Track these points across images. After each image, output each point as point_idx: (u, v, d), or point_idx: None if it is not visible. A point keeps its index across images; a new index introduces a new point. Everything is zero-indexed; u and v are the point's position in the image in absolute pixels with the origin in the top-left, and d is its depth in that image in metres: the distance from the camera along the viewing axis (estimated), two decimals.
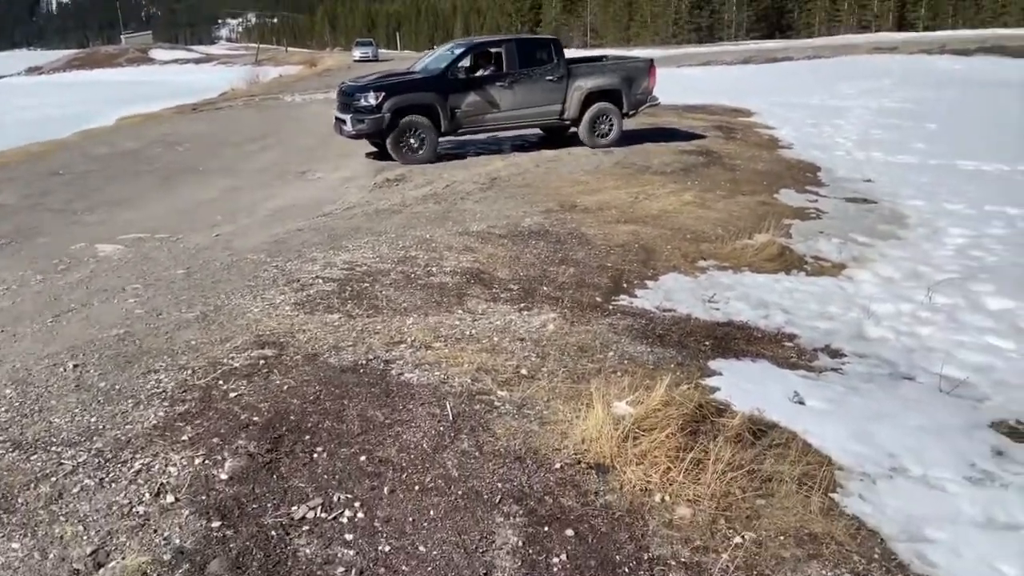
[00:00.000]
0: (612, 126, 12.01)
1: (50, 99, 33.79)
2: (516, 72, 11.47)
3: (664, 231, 7.36)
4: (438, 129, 11.14)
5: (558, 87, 11.68)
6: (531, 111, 11.72)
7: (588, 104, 11.78)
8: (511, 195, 8.77)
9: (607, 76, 11.98)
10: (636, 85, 12.06)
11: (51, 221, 7.52)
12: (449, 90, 11.11)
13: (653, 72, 12.26)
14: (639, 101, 12.21)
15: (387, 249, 6.29)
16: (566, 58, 11.98)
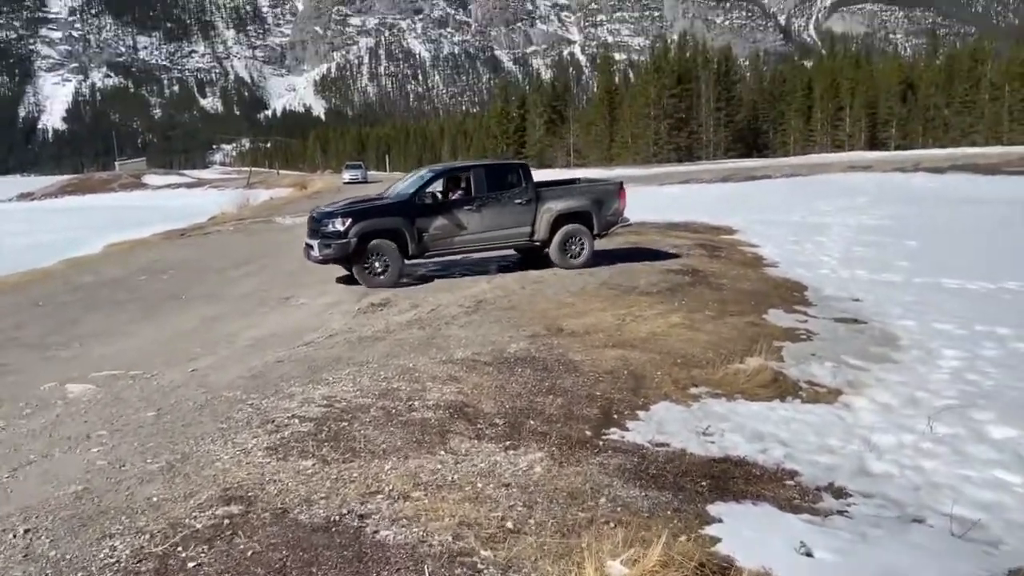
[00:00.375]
0: (583, 247, 12.07)
1: (39, 225, 34.15)
2: (484, 196, 11.68)
3: (653, 356, 7.21)
4: (405, 253, 11.28)
5: (527, 209, 11.82)
6: (500, 233, 11.84)
7: (558, 226, 11.91)
8: (497, 319, 8.66)
9: (576, 198, 12.14)
10: (606, 207, 12.21)
11: (23, 358, 7.28)
12: (416, 214, 11.34)
13: (623, 194, 12.46)
14: (609, 222, 12.34)
15: (368, 381, 6.09)
16: (535, 182, 12.14)
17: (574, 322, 8.45)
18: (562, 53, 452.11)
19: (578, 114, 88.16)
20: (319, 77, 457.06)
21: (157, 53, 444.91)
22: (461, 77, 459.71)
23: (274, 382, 6.00)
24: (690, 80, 73.94)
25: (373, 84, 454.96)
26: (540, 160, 79.55)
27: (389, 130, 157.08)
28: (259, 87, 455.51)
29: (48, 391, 5.85)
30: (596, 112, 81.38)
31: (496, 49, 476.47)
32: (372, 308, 9.53)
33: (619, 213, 12.38)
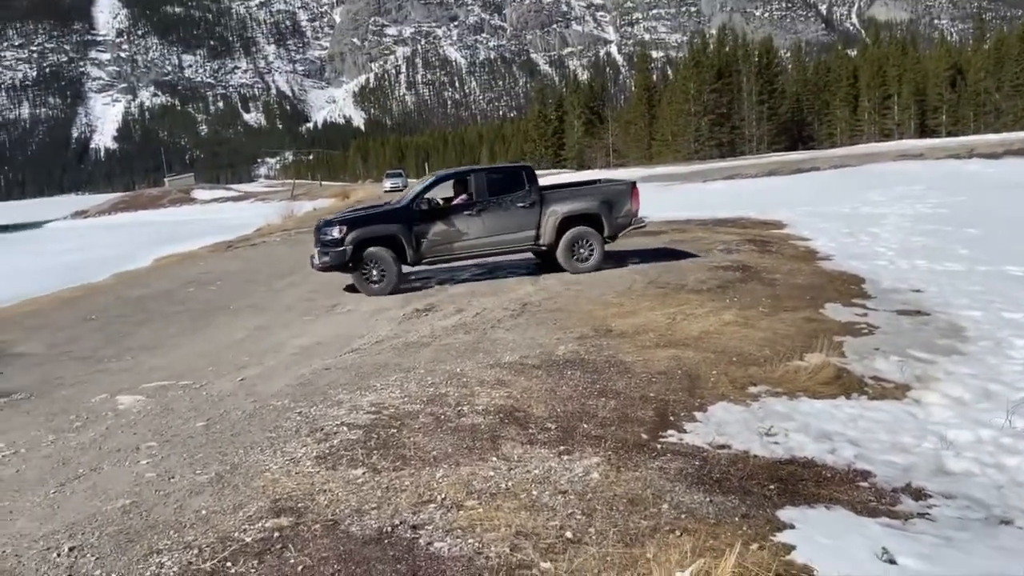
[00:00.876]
0: (592, 251, 11.67)
1: (92, 241, 35.13)
2: (485, 200, 11.49)
3: (707, 355, 6.97)
4: (402, 260, 11.25)
5: (530, 213, 11.55)
6: (503, 238, 11.58)
7: (564, 229, 11.56)
8: (542, 321, 8.50)
9: (583, 200, 11.76)
10: (617, 208, 11.75)
11: (75, 370, 7.37)
12: (414, 221, 11.26)
13: (636, 194, 11.96)
14: (621, 224, 11.84)
15: (416, 387, 5.99)
16: (539, 184, 11.82)
17: (623, 322, 8.24)
18: (598, 53, 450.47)
19: (616, 114, 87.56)
20: (358, 88, 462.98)
21: (202, 71, 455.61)
22: (498, 82, 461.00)
23: (322, 389, 5.93)
24: (731, 74, 72.79)
25: (411, 93, 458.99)
26: (579, 161, 79.21)
27: (428, 138, 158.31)
28: (300, 100, 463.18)
29: (99, 403, 5.87)
30: (635, 111, 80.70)
31: (532, 52, 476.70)
32: (417, 314, 9.45)
33: (632, 214, 11.87)
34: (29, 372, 7.41)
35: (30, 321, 10.81)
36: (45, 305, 12.41)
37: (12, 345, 8.97)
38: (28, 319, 11.05)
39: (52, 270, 22.73)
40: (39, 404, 6.06)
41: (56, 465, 4.47)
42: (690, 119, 69.81)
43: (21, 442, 4.97)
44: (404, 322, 9.01)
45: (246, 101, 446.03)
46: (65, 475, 4.28)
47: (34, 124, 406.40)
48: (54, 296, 13.53)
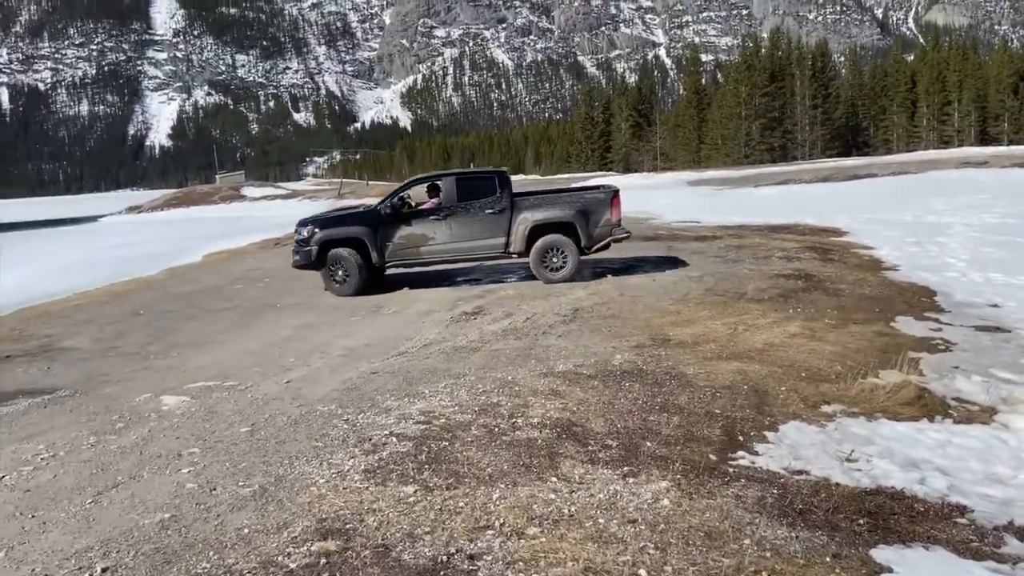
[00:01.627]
0: (566, 260, 11.24)
1: (145, 237, 35.74)
2: (453, 206, 11.35)
3: (774, 368, 6.56)
4: (368, 262, 11.32)
5: (499, 220, 11.27)
6: (470, 244, 11.38)
7: (535, 237, 11.21)
8: (596, 328, 8.16)
9: (555, 209, 11.34)
10: (594, 218, 11.22)
11: (121, 367, 7.27)
12: (381, 224, 11.32)
13: (616, 203, 11.34)
14: (601, 235, 11.30)
15: (466, 395, 5.71)
16: (511, 191, 11.46)
17: (681, 331, 7.86)
18: (646, 56, 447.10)
19: (664, 117, 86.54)
20: (405, 89, 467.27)
21: (254, 71, 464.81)
22: (544, 84, 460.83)
23: (369, 395, 5.69)
24: (783, 78, 71.35)
25: (457, 94, 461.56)
26: (626, 164, 78.49)
27: (473, 139, 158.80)
28: (349, 101, 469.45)
29: (143, 403, 5.72)
30: (683, 114, 79.67)
31: (579, 55, 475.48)
32: (465, 317, 9.19)
33: (612, 224, 11.28)
34: (75, 368, 7.34)
35: (79, 315, 10.84)
36: (95, 299, 12.47)
37: (60, 339, 8.96)
38: (77, 313, 11.09)
39: (104, 264, 23.06)
40: (83, 402, 5.94)
41: (95, 471, 4.29)
42: (741, 123, 68.60)
43: (61, 444, 4.82)
44: (452, 325, 8.76)
45: (296, 101, 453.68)
46: (103, 483, 4.09)
47: (92, 121, 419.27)
48: (105, 290, 13.61)
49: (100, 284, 15.18)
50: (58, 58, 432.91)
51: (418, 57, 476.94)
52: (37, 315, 11.26)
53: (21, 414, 5.70)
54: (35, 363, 7.70)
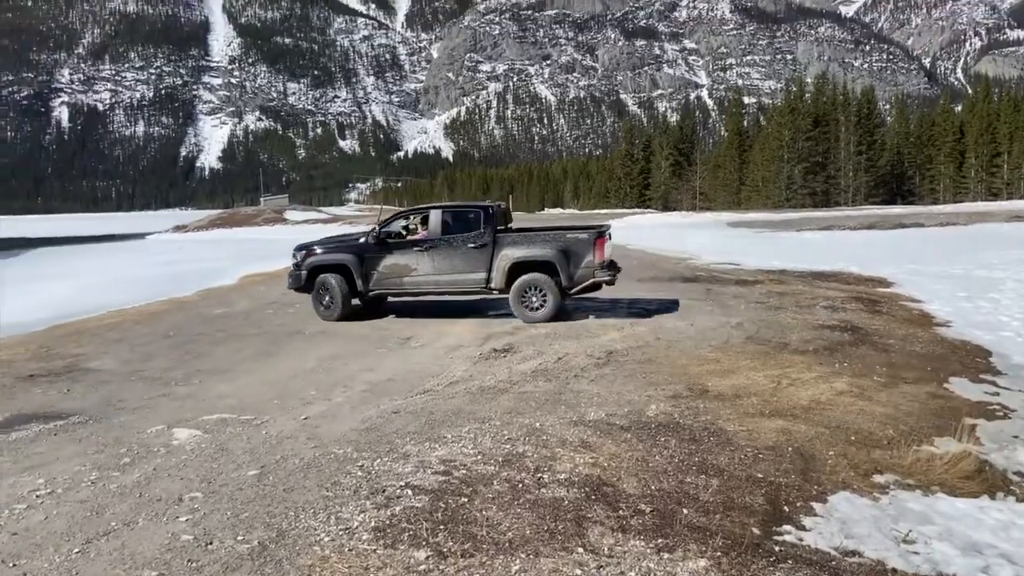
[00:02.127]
0: (545, 300, 10.94)
1: (187, 255, 36.26)
2: (437, 239, 11.33)
3: (821, 429, 6.12)
4: (353, 289, 11.53)
5: (481, 255, 11.12)
6: (451, 278, 11.32)
7: (515, 275, 10.98)
8: (631, 374, 7.80)
9: (536, 246, 11.06)
10: (576, 258, 10.84)
11: (141, 393, 7.10)
12: (367, 252, 11.50)
13: (600, 244, 10.88)
14: (583, 276, 10.89)
15: (491, 443, 5.39)
16: (495, 226, 11.28)
17: (721, 382, 7.45)
18: (688, 97, 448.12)
19: (704, 157, 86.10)
20: (449, 120, 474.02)
21: (304, 98, 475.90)
22: (586, 120, 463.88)
23: (388, 437, 5.40)
24: (828, 123, 70.60)
25: (500, 127, 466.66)
26: (664, 202, 78.07)
27: (513, 171, 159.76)
28: (393, 130, 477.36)
29: (154, 435, 5.50)
30: (725, 154, 79.19)
31: (621, 93, 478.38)
32: (495, 354, 8.89)
33: (595, 266, 10.83)
34: (95, 391, 7.19)
35: (110, 334, 10.79)
36: (129, 317, 12.45)
37: (87, 360, 8.86)
38: (109, 332, 11.04)
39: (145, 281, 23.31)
40: (94, 431, 5.74)
41: (89, 514, 4.04)
42: (783, 166, 67.89)
43: (62, 479, 4.60)
44: (480, 362, 8.46)
45: (343, 128, 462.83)
46: (95, 529, 3.83)
47: (147, 141, 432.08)
48: (140, 309, 13.62)
49: (137, 302, 15.24)
50: (118, 80, 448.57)
51: (463, 90, 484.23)
52: (70, 332, 11.24)
53: (30, 441, 5.52)
54: (56, 384, 7.58)
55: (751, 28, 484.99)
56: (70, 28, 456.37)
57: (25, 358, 9.08)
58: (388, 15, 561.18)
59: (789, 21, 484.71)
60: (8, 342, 10.49)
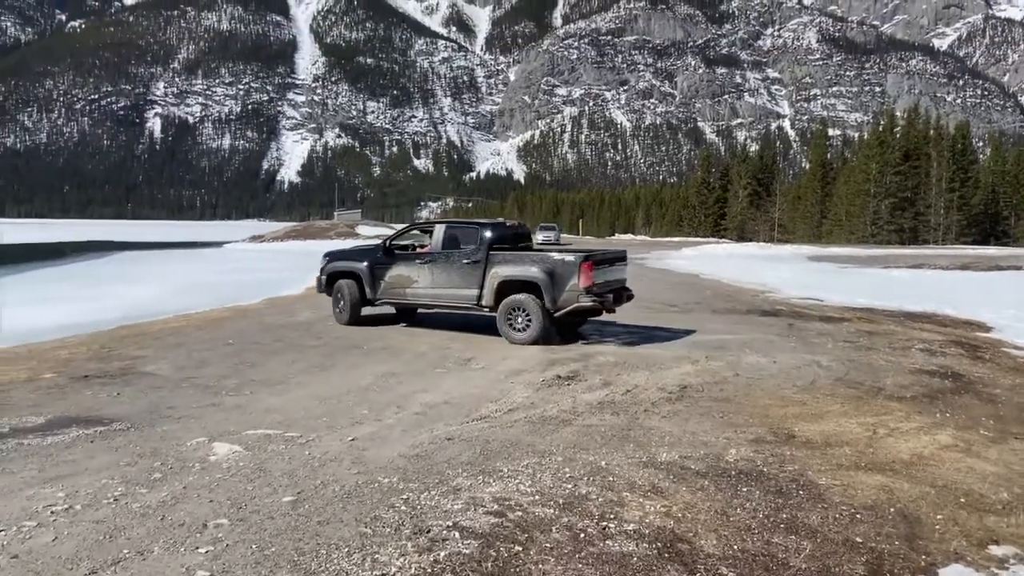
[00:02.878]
0: (529, 322, 10.64)
1: (259, 265, 36.98)
2: (437, 252, 11.55)
3: (925, 488, 5.38)
4: (363, 296, 12.18)
5: (474, 271, 11.12)
6: (447, 292, 11.45)
7: (503, 293, 10.87)
8: (706, 412, 7.15)
9: (524, 266, 10.81)
10: (561, 281, 10.46)
11: (190, 401, 6.84)
12: (377, 262, 12.05)
13: (587, 269, 10.44)
14: (567, 300, 10.46)
15: (551, 480, 4.87)
16: (491, 242, 11.21)
17: (808, 428, 6.73)
18: (769, 126, 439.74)
19: (785, 188, 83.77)
20: (523, 143, 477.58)
21: (382, 117, 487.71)
22: (661, 147, 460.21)
23: (439, 467, 4.94)
24: (918, 157, 67.67)
25: (573, 151, 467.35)
26: (740, 232, 76.17)
27: (584, 195, 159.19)
28: (467, 150, 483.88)
29: (192, 449, 5.18)
30: (807, 186, 76.88)
31: (699, 120, 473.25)
32: (558, 381, 8.36)
33: (579, 291, 10.40)
34: (144, 396, 6.97)
35: (171, 339, 10.72)
36: (192, 323, 12.44)
37: (144, 363, 8.73)
38: (171, 336, 10.99)
39: (215, 287, 23.70)
40: (132, 440, 5.47)
41: (102, 538, 3.68)
42: (868, 200, 65.33)
43: (84, 493, 4.28)
44: (543, 389, 7.94)
45: (418, 148, 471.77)
46: (105, 556, 3.46)
47: (232, 154, 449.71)
48: (204, 315, 13.64)
49: (204, 308, 15.34)
50: (208, 95, 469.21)
51: (538, 113, 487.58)
52: (134, 334, 11.25)
53: (65, 447, 5.27)
54: (109, 386, 7.42)
55: (838, 58, 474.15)
56: (167, 44, 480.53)
57: (85, 357, 9.03)
58: (468, 38, 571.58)
59: (879, 52, 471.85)
60: (74, 341, 10.53)
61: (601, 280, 10.71)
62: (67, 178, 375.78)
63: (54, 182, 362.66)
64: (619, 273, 11.52)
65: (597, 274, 10.60)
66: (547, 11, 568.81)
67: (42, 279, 31.02)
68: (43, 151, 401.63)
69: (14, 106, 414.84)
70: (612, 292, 10.87)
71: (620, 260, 11.71)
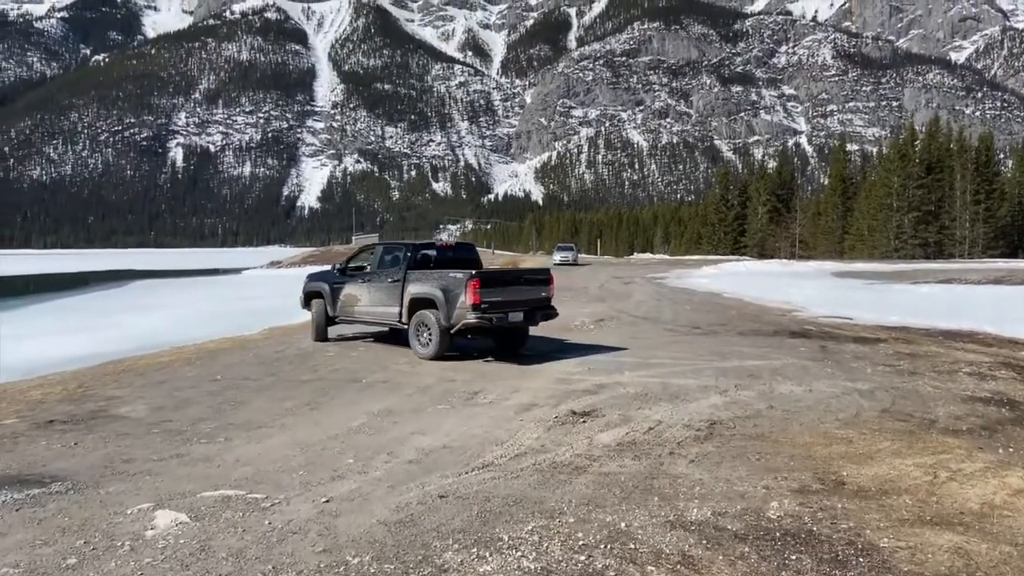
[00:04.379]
0: (430, 338, 11.02)
1: (273, 290, 36.49)
2: (373, 271, 12.35)
3: (1006, 549, 4.50)
4: (327, 315, 13.08)
5: (395, 290, 11.62)
6: (378, 310, 12.03)
7: (412, 310, 11.32)
8: (740, 453, 6.29)
9: (426, 284, 11.18)
10: (453, 298, 10.71)
11: (152, 451, 6.07)
12: (335, 282, 12.95)
13: (473, 286, 10.54)
14: (458, 317, 10.67)
15: (560, 551, 4.06)
16: (412, 262, 11.83)
17: (859, 472, 5.85)
18: (786, 143, 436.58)
19: (804, 204, 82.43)
20: (540, 164, 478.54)
21: (401, 142, 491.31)
22: (678, 166, 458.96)
23: (425, 538, 4.13)
24: (941, 170, 66.24)
25: (590, 171, 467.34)
26: (761, 249, 74.92)
27: (602, 215, 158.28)
28: (485, 173, 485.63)
29: (131, 519, 4.38)
30: (827, 201, 75.56)
31: (716, 139, 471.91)
32: (573, 418, 7.53)
33: (467, 308, 10.53)
34: (104, 447, 6.20)
35: (158, 375, 10.01)
36: (185, 356, 11.74)
37: (120, 404, 7.99)
38: (158, 372, 10.28)
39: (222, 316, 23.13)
40: (65, 507, 4.66)
41: None
42: (891, 215, 63.94)
43: None
44: (555, 428, 7.12)
45: (436, 171, 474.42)
46: None
47: (253, 182, 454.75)
48: (200, 347, 12.98)
49: (203, 338, 14.74)
50: (229, 123, 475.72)
51: (555, 135, 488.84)
52: (120, 371, 10.57)
53: None
54: (70, 434, 6.67)
55: (854, 74, 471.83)
56: (188, 75, 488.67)
57: (58, 399, 8.32)
58: (484, 62, 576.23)
59: (895, 67, 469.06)
60: (55, 379, 9.86)
61: (495, 298, 10.70)
62: (91, 208, 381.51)
63: (79, 213, 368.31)
64: (530, 292, 11.46)
65: (487, 292, 10.63)
66: (561, 34, 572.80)
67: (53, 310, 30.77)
68: (68, 182, 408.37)
69: (40, 139, 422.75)
70: (513, 310, 10.85)
71: (533, 279, 11.68)
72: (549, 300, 11.69)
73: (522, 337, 11.89)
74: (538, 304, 11.42)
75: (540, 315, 11.40)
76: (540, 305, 11.45)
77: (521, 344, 11.88)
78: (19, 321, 25.24)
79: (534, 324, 11.41)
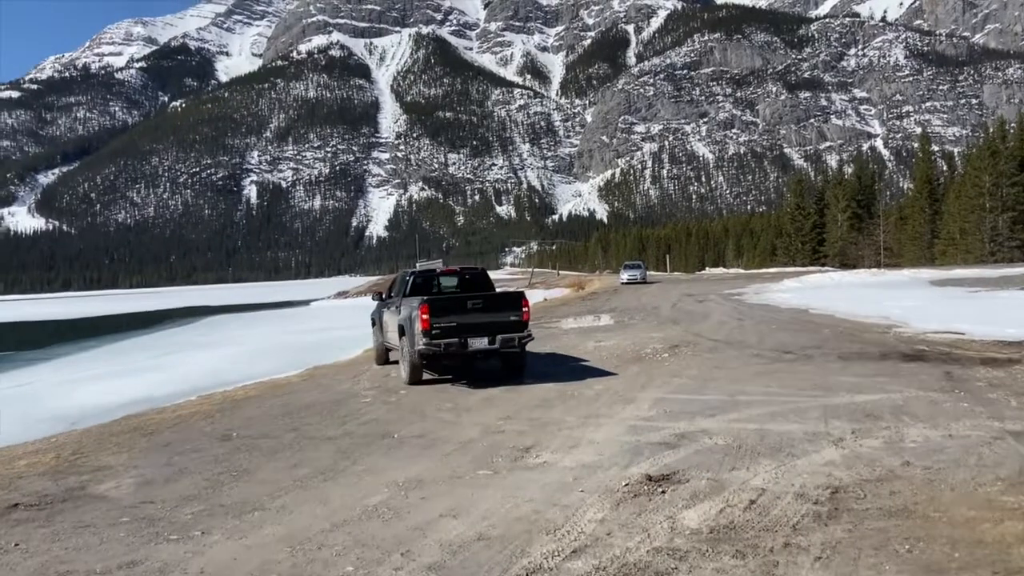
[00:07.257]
0: (404, 365, 11.34)
1: (335, 323, 35.90)
2: (392, 298, 12.85)
3: None
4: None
5: (395, 317, 11.78)
6: (391, 336, 12.29)
7: (399, 336, 11.46)
8: (883, 542, 4.57)
9: (402, 311, 11.38)
10: (412, 325, 10.73)
11: (102, 557, 4.72)
12: (379, 309, 13.72)
13: (421, 313, 10.43)
14: (416, 343, 10.69)
15: None
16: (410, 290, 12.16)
17: None
18: (861, 147, 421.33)
19: (887, 209, 77.97)
20: (603, 183, 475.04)
21: (463, 168, 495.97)
22: (746, 176, 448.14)
23: None
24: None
25: (655, 187, 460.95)
26: (842, 259, 71.10)
27: (669, 231, 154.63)
28: (548, 194, 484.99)
29: None
30: (912, 205, 71.17)
31: (785, 147, 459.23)
32: (648, 485, 5.90)
33: (419, 333, 10.48)
34: (44, 551, 4.88)
35: (167, 434, 8.83)
36: (202, 409, 10.58)
37: (104, 479, 6.74)
38: (170, 429, 9.11)
39: (276, 352, 22.38)
40: None
41: None
42: (984, 215, 59.48)
43: None
44: (625, 504, 5.50)
45: (499, 195, 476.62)
46: None
47: (323, 214, 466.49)
48: (229, 395, 11.91)
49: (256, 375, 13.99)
50: (299, 159, 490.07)
51: (617, 152, 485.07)
52: (133, 427, 9.48)
53: None
54: (18, 528, 5.39)
55: (929, 73, 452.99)
56: (260, 115, 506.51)
57: (41, 471, 7.15)
58: (543, 84, 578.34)
59: (972, 64, 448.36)
60: (54, 442, 8.81)
61: (449, 323, 10.43)
62: (173, 248, 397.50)
63: (161, 252, 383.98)
64: (494, 316, 10.82)
65: (439, 319, 10.40)
66: (620, 51, 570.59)
67: (130, 348, 30.90)
68: (151, 224, 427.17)
69: (124, 184, 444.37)
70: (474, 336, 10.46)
71: (497, 303, 11.11)
72: (522, 324, 10.94)
73: (516, 360, 11.36)
74: (507, 328, 10.76)
75: (519, 340, 10.87)
76: (509, 329, 10.74)
77: (518, 369, 11.45)
78: (92, 362, 25.25)
79: (514, 349, 10.88)
